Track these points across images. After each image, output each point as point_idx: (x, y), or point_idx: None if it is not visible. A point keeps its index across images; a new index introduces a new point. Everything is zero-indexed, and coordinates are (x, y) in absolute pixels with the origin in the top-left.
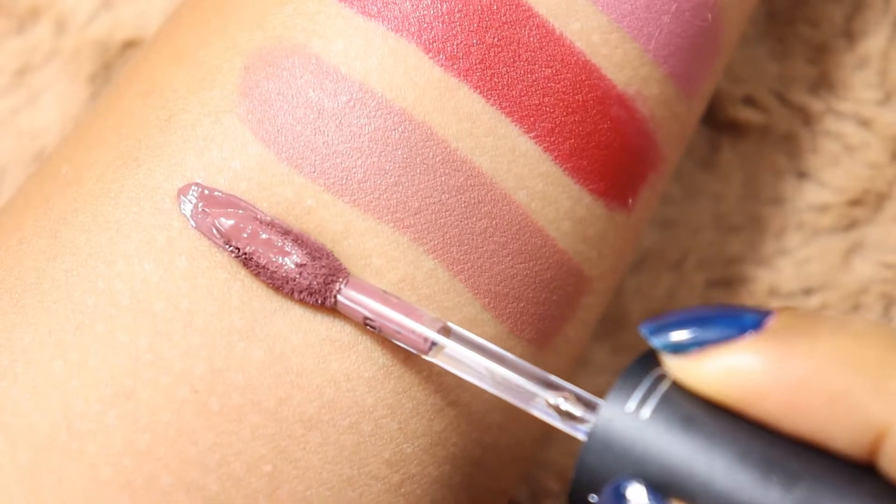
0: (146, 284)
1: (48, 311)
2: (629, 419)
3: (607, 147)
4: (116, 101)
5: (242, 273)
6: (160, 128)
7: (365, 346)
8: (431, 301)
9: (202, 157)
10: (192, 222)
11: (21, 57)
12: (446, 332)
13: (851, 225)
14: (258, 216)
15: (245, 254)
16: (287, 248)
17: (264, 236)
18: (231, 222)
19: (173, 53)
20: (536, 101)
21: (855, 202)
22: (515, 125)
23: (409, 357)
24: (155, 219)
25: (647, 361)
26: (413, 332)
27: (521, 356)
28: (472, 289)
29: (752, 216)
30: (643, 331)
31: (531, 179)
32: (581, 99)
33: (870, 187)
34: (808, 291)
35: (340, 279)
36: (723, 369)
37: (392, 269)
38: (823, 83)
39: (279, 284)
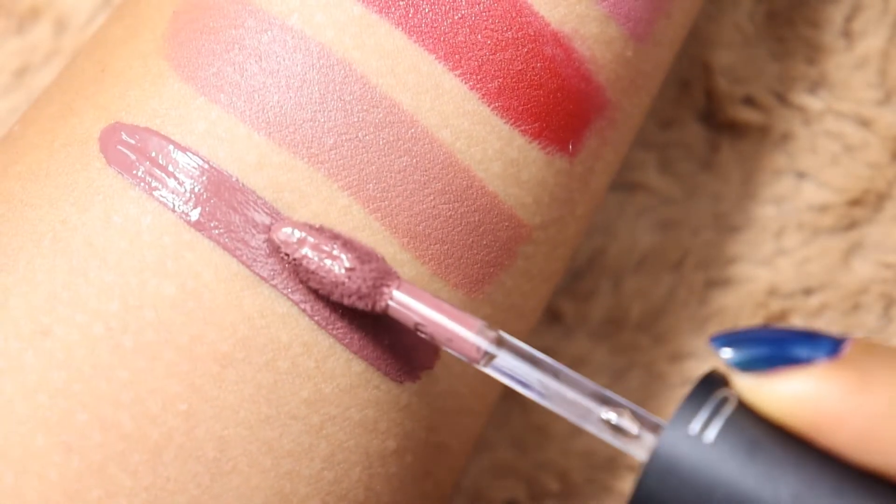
0: (66, 225)
1: None
2: (693, 442)
3: (541, 87)
4: (70, 64)
5: (151, 206)
6: (95, 78)
7: (279, 281)
8: None
9: (124, 99)
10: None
11: (21, 57)
12: (499, 342)
13: (851, 225)
14: (308, 222)
15: (294, 260)
16: (336, 253)
17: (312, 240)
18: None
19: (118, 12)
20: (462, 39)
21: (855, 202)
22: (440, 62)
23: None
24: (79, 162)
25: (711, 383)
26: (466, 341)
27: (448, 301)
28: (389, 227)
29: (752, 216)
30: (714, 343)
31: (456, 118)
32: (511, 36)
33: (870, 187)
34: (807, 291)
35: (391, 283)
36: (795, 393)
37: (305, 204)
38: (823, 83)
39: (329, 289)
